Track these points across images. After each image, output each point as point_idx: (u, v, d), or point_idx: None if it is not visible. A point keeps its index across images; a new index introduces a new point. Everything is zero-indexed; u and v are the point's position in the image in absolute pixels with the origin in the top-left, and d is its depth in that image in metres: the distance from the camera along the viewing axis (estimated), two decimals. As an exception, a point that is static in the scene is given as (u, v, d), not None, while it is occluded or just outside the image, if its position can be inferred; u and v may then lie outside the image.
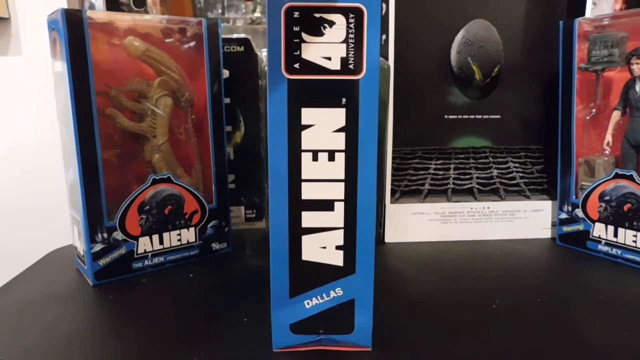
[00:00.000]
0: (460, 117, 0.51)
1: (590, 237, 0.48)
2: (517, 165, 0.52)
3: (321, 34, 0.26)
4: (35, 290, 0.41)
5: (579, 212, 0.48)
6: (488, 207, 0.52)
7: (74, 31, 0.37)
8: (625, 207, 0.45)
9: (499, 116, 0.51)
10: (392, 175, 0.51)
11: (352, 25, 0.26)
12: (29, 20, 0.78)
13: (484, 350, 0.31)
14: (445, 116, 0.51)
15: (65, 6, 0.39)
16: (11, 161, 0.83)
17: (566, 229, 0.50)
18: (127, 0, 0.45)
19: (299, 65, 0.26)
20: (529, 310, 0.36)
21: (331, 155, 0.27)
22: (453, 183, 0.52)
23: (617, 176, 0.45)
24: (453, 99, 0.50)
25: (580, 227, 0.48)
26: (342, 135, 0.27)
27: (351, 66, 0.26)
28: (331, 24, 0.26)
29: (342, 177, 0.27)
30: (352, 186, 0.27)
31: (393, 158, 0.50)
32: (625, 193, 0.44)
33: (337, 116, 0.26)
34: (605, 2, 0.50)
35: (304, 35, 0.26)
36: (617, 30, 0.44)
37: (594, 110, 0.47)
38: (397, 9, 0.48)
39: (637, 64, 0.43)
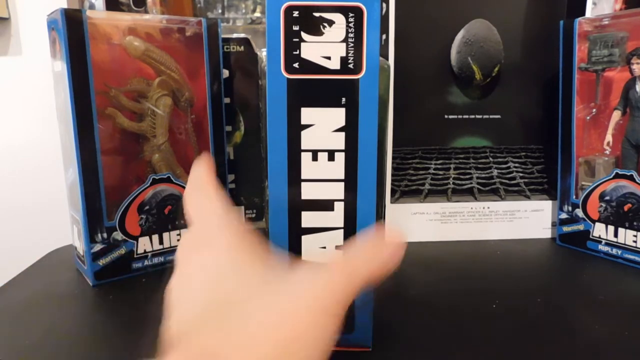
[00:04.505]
0: (460, 117, 0.51)
1: (591, 237, 0.48)
2: (517, 165, 0.52)
3: (321, 33, 0.26)
4: (35, 290, 0.41)
5: (579, 212, 0.48)
6: (488, 207, 0.52)
7: (73, 31, 0.37)
8: (626, 207, 0.45)
9: (499, 116, 0.51)
10: (392, 175, 0.51)
11: (351, 25, 0.26)
12: (29, 20, 0.78)
13: (484, 350, 0.31)
14: (445, 116, 0.51)
15: (65, 6, 0.39)
16: (11, 161, 0.82)
17: (566, 229, 0.50)
18: (127, 0, 0.45)
19: (298, 65, 0.26)
20: (529, 310, 0.36)
21: (331, 155, 0.27)
22: (453, 183, 0.52)
23: (617, 176, 0.45)
24: (453, 99, 0.50)
25: (581, 227, 0.48)
26: (342, 135, 0.27)
27: (351, 66, 0.26)
28: (331, 23, 0.26)
29: (342, 177, 0.27)
30: (352, 186, 0.27)
31: (393, 158, 0.50)
32: (626, 193, 0.44)
33: (337, 116, 0.26)
34: (605, 2, 0.50)
35: (304, 35, 0.26)
36: (617, 30, 0.44)
37: (594, 110, 0.47)
38: (397, 9, 0.48)
39: (638, 63, 0.43)
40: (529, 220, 0.52)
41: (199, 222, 0.24)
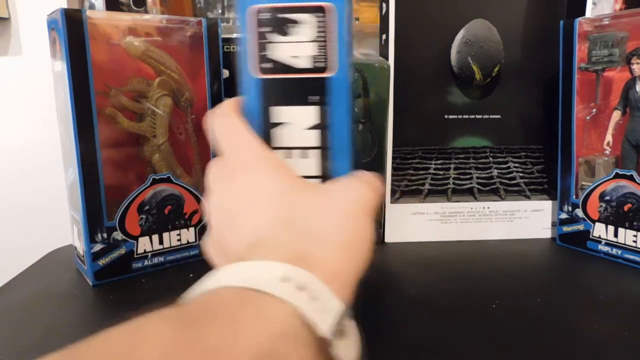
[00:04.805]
0: (460, 117, 0.51)
1: (591, 237, 0.48)
2: (517, 165, 0.52)
3: (290, 34, 0.26)
4: (35, 290, 0.41)
5: (579, 212, 0.48)
6: (488, 207, 0.52)
7: (73, 31, 0.37)
8: (626, 207, 0.45)
9: (499, 116, 0.51)
10: (392, 175, 0.51)
11: (320, 24, 0.26)
12: (29, 20, 0.78)
13: (484, 350, 0.31)
14: (445, 116, 0.51)
15: (65, 6, 0.39)
16: (11, 161, 0.82)
17: (566, 229, 0.50)
18: (127, 0, 0.45)
19: (269, 65, 0.26)
20: (529, 311, 0.36)
21: (304, 153, 0.27)
22: (453, 183, 0.52)
23: (617, 176, 0.45)
24: (453, 99, 0.50)
25: (581, 227, 0.48)
26: (315, 132, 0.27)
27: (321, 64, 0.26)
28: (299, 23, 0.26)
29: (316, 174, 0.27)
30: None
31: (393, 158, 0.50)
32: (626, 193, 0.44)
33: (310, 114, 0.26)
34: (605, 2, 0.50)
35: (273, 36, 0.26)
36: (617, 30, 0.44)
37: (594, 110, 0.47)
38: (397, 9, 0.48)
39: (638, 63, 0.43)
40: (529, 220, 0.52)
41: (233, 147, 0.26)
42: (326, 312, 0.19)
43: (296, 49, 0.26)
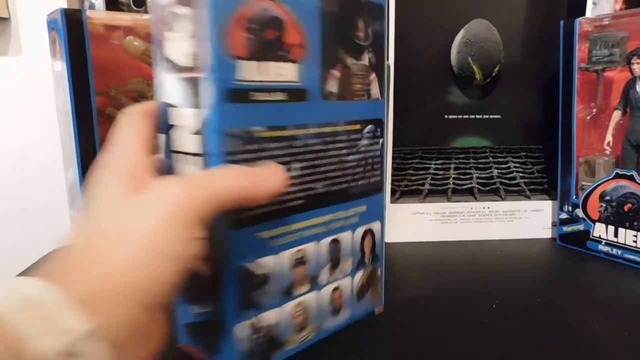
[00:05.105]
0: (460, 117, 0.51)
1: (591, 237, 0.48)
2: (517, 165, 0.52)
3: (176, 30, 0.24)
4: (35, 290, 0.41)
5: (579, 212, 0.48)
6: (488, 207, 0.52)
7: (73, 31, 0.37)
8: (626, 207, 0.45)
9: (499, 116, 0.51)
10: (392, 175, 0.51)
11: (198, 18, 0.23)
12: (29, 20, 0.78)
13: (484, 350, 0.31)
14: (445, 116, 0.51)
15: (65, 6, 0.39)
16: (11, 161, 0.82)
17: (566, 229, 0.50)
18: (127, 0, 0.45)
19: (167, 64, 0.25)
20: (529, 311, 0.36)
21: (187, 159, 0.25)
22: (453, 183, 0.52)
23: (617, 176, 0.45)
24: (453, 99, 0.50)
25: (581, 227, 0.48)
26: (197, 138, 0.24)
27: (199, 63, 0.24)
28: (183, 18, 0.24)
29: None
30: None
31: (393, 158, 0.50)
32: (626, 193, 0.44)
33: (192, 117, 0.25)
34: (605, 2, 0.50)
35: (167, 33, 0.25)
36: (617, 30, 0.44)
37: (594, 110, 0.47)
38: (397, 9, 0.48)
39: (638, 63, 0.43)
40: (529, 220, 0.52)
41: (112, 147, 0.24)
42: (53, 334, 0.17)
43: (182, 46, 0.24)
